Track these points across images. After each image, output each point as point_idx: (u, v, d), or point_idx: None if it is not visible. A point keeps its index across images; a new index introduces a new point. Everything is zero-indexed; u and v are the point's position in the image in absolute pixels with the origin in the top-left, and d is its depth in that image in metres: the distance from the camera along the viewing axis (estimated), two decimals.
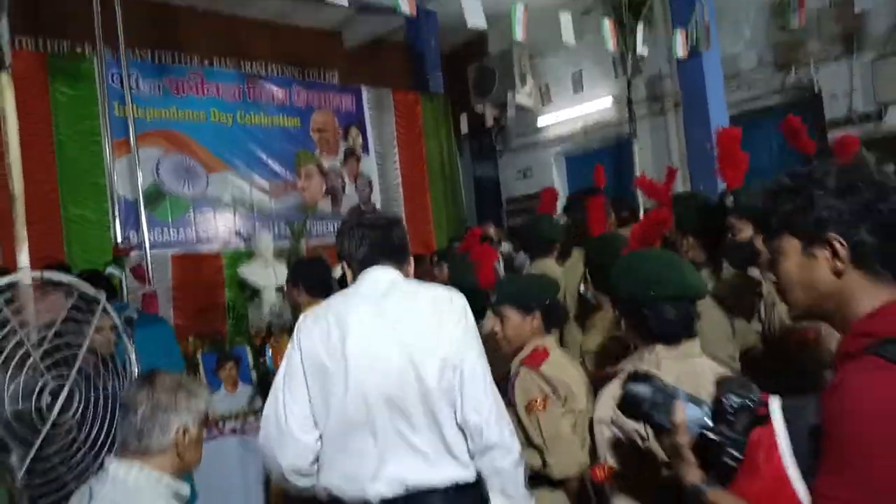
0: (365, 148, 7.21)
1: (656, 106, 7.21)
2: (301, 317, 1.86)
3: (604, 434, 1.54)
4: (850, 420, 0.94)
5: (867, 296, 1.05)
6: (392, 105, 7.42)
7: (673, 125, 6.94)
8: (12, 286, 1.92)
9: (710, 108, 5.48)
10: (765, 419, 1.06)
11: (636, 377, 1.24)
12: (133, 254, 5.16)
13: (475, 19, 4.32)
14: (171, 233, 5.82)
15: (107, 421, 1.89)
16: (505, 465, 1.71)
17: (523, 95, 7.78)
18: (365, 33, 8.45)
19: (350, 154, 7.09)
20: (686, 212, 2.40)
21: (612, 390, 1.54)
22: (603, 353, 2.29)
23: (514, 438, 1.77)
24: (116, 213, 5.27)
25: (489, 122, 8.10)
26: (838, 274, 1.06)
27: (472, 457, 1.73)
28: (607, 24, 4.85)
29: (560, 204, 4.35)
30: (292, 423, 1.71)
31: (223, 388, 4.10)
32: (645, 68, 6.76)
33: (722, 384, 1.18)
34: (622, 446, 1.50)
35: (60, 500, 1.83)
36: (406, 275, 1.90)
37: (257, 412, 3.78)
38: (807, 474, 0.99)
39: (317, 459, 1.76)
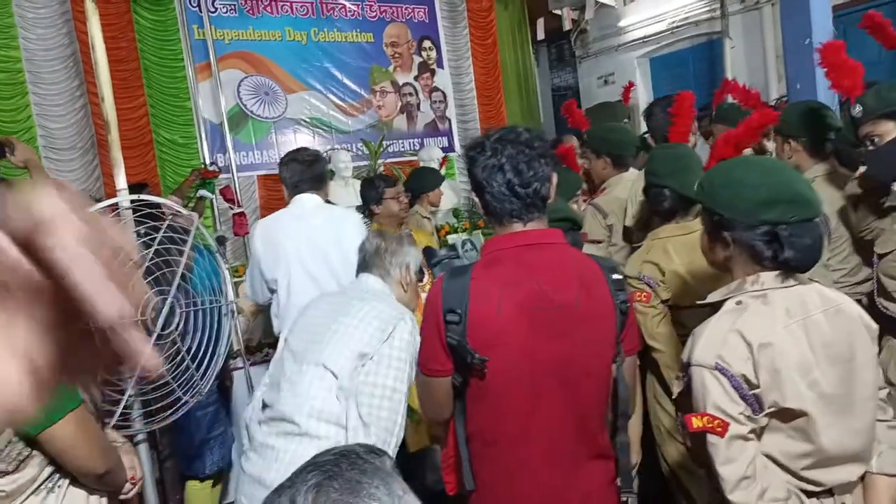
0: (439, 62, 7.06)
1: (750, 1, 6.63)
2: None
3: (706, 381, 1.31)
4: None
5: None
6: (466, 13, 7.17)
7: (770, 21, 6.38)
8: (114, 208, 2.06)
9: (810, 1, 4.97)
10: None
11: (450, 247, 1.47)
12: (221, 176, 5.39)
13: None
14: (256, 155, 5.99)
15: (206, 333, 2.04)
16: None
17: None
18: None
19: (424, 68, 6.97)
20: (795, 117, 2.26)
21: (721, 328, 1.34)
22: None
23: None
24: (203, 137, 5.47)
25: (567, 25, 7.70)
26: None
27: None
28: None
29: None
30: (256, 287, 2.83)
31: None
32: None
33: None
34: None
35: (168, 407, 2.02)
36: (325, 196, 2.82)
37: None
38: None
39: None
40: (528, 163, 1.42)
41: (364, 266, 2.01)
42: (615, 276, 1.45)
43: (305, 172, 2.71)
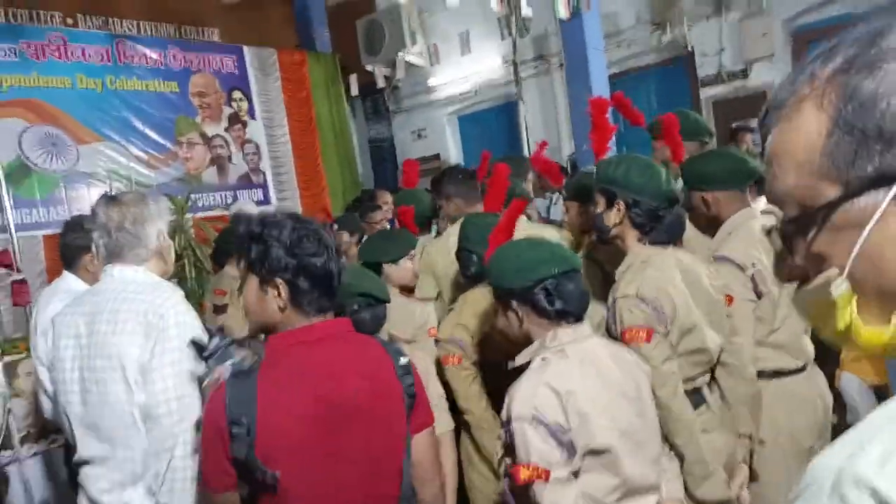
0: (251, 112, 6.93)
1: (543, 66, 7.33)
2: None
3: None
4: None
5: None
6: (277, 66, 7.13)
7: (559, 84, 7.09)
8: None
9: (590, 67, 5.62)
10: None
11: (220, 330, 1.50)
12: None
13: None
14: (41, 212, 5.42)
15: None
16: None
17: (414, 54, 7.68)
18: None
19: (235, 119, 6.79)
20: (573, 188, 2.54)
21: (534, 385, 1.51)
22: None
23: None
24: None
25: (380, 82, 7.96)
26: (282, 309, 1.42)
27: None
28: None
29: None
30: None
31: None
32: (531, 28, 6.83)
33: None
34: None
35: None
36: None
37: None
38: None
39: None
40: (312, 254, 1.41)
41: (114, 255, 1.85)
42: (402, 361, 1.51)
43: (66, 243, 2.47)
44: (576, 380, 1.50)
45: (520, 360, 1.63)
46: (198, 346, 1.42)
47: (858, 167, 0.58)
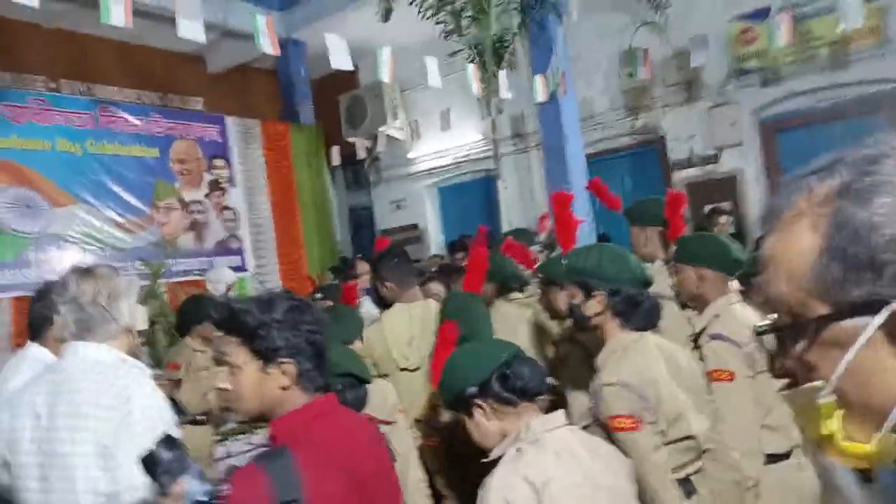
0: (231, 180, 6.95)
1: (521, 143, 7.54)
2: None
3: None
4: None
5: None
6: (260, 136, 7.22)
7: (536, 163, 7.27)
8: None
9: (567, 148, 5.77)
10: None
11: (167, 441, 1.33)
12: None
13: (341, 61, 4.32)
14: (9, 274, 5.29)
15: None
16: None
17: (395, 128, 7.85)
18: (229, 59, 8.18)
19: (215, 186, 6.81)
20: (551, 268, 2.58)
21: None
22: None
23: None
24: None
25: (361, 153, 8.09)
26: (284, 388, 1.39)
27: None
28: (471, 70, 5.01)
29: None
30: None
31: None
32: (509, 108, 7.05)
33: None
34: None
35: None
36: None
37: None
38: None
39: None
40: (314, 331, 1.41)
41: (82, 333, 1.75)
42: (384, 432, 1.56)
43: (34, 313, 2.35)
44: (551, 469, 1.47)
45: (495, 453, 1.59)
46: (149, 463, 1.32)
47: (847, 291, 0.60)
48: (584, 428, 1.87)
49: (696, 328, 2.33)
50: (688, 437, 1.88)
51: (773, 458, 2.16)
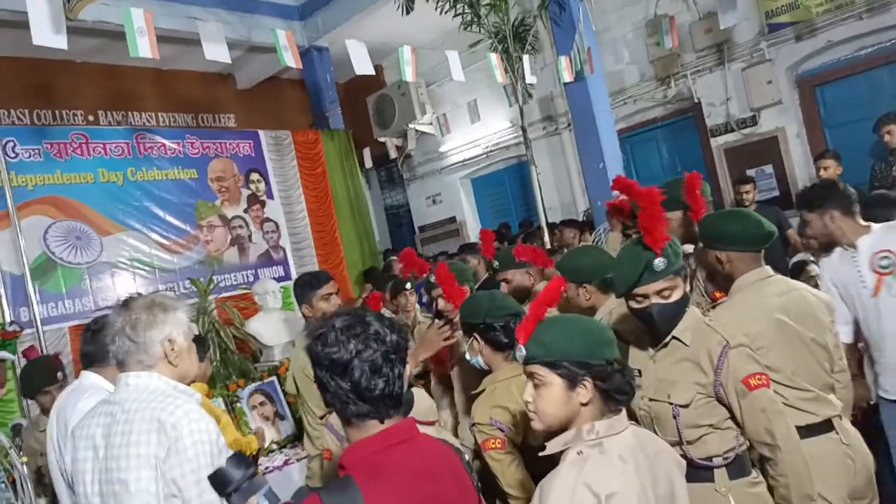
0: (268, 192, 7.06)
1: (551, 126, 7.44)
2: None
3: None
4: None
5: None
6: (292, 146, 7.31)
7: (569, 144, 7.17)
8: None
9: (598, 126, 5.68)
10: None
11: (237, 458, 1.29)
12: (25, 331, 4.85)
13: (363, 66, 4.33)
14: (66, 304, 5.49)
15: None
16: None
17: (424, 124, 7.84)
18: (257, 73, 8.32)
19: (254, 200, 6.92)
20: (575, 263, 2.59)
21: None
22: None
23: None
24: (2, 291, 4.94)
25: (393, 152, 8.12)
26: None
27: None
28: (494, 59, 4.95)
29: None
30: None
31: None
32: (537, 91, 6.96)
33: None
34: None
35: None
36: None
37: None
38: None
39: None
40: (379, 362, 1.32)
41: (121, 364, 1.80)
42: (466, 458, 1.48)
43: (87, 344, 2.37)
44: (616, 481, 1.40)
45: (553, 447, 1.50)
46: (218, 481, 1.30)
47: None
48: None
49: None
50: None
51: (810, 430, 2.03)
